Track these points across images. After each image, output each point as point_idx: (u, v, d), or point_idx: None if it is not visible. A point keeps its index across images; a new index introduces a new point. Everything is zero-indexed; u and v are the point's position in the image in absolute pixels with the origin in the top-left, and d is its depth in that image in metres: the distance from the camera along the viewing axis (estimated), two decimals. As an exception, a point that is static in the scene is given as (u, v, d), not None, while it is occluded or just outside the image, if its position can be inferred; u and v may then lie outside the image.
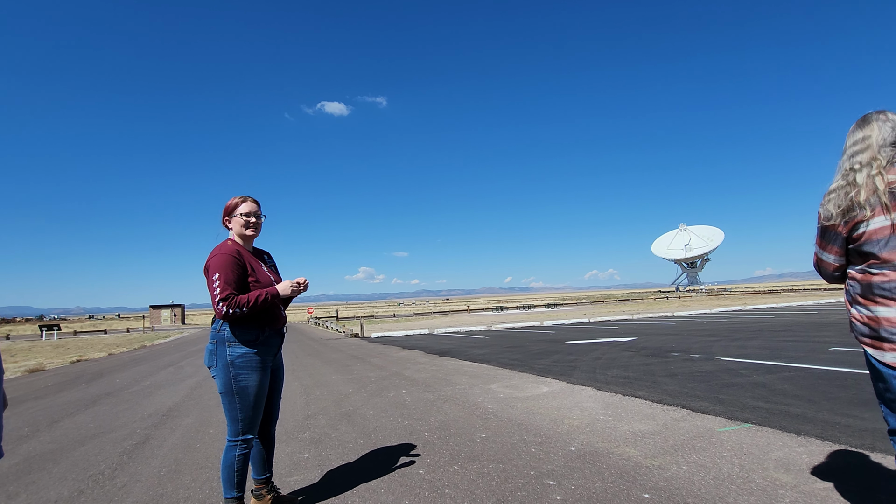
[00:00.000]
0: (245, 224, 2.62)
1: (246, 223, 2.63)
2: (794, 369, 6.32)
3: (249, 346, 2.48)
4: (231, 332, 2.47)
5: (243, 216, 2.62)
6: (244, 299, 2.40)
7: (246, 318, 2.46)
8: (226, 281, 2.40)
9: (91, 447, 4.39)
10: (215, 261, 2.46)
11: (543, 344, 11.91)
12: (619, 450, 3.48)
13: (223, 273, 2.41)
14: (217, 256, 2.48)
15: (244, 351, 2.47)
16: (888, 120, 1.80)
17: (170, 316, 62.39)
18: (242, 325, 2.48)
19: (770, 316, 18.04)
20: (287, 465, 3.56)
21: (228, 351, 2.46)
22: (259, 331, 2.52)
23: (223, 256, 2.47)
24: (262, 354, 2.53)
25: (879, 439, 3.34)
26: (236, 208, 2.63)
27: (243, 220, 2.62)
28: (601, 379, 6.43)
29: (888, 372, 1.70)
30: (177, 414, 5.74)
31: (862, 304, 1.78)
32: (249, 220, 2.63)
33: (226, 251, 2.51)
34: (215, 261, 2.46)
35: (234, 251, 2.53)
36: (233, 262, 2.46)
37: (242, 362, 2.46)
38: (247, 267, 2.53)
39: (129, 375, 10.26)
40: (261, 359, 2.52)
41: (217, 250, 2.53)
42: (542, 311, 37.65)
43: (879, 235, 1.68)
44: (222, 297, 2.37)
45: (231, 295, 2.39)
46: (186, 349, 17.76)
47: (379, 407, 5.48)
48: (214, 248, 2.57)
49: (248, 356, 2.47)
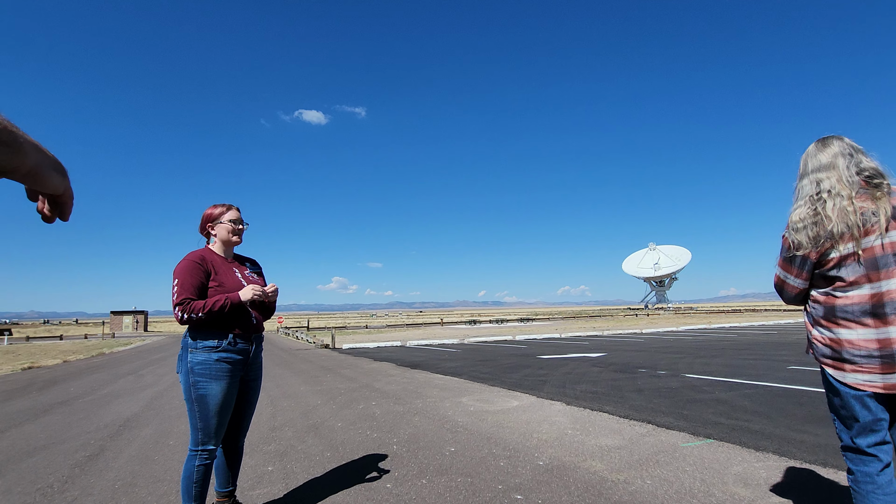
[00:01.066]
0: (232, 230, 2.64)
1: (233, 230, 2.64)
2: (755, 386, 6.55)
3: (210, 352, 2.43)
4: (192, 338, 2.44)
5: (230, 222, 2.64)
6: (199, 305, 2.36)
7: (209, 324, 2.42)
8: (182, 286, 2.38)
9: (40, 459, 4.17)
10: (178, 266, 2.46)
11: (515, 358, 11.97)
12: (586, 464, 3.52)
13: (182, 278, 2.40)
14: (181, 262, 2.48)
15: (203, 357, 2.41)
16: (847, 146, 1.85)
17: (132, 323, 60.07)
18: (204, 330, 2.44)
19: (733, 335, 18.66)
20: (251, 477, 3.46)
21: (189, 357, 2.42)
22: (221, 338, 2.46)
23: (186, 262, 2.46)
24: (226, 363, 2.46)
25: (832, 455, 3.48)
26: (222, 215, 2.64)
27: (230, 226, 2.64)
28: (570, 394, 6.50)
29: (846, 391, 1.76)
30: (135, 424, 5.50)
31: (824, 325, 1.82)
32: (237, 227, 2.65)
33: (190, 257, 2.50)
34: (178, 266, 2.46)
35: (198, 256, 2.50)
36: (194, 267, 2.44)
37: (201, 369, 2.40)
38: (210, 272, 2.49)
39: (84, 384, 9.79)
40: (225, 367, 2.45)
41: (185, 256, 2.51)
42: (515, 326, 37.89)
43: (848, 261, 1.74)
44: (178, 302, 2.36)
45: (187, 300, 2.36)
46: (148, 357, 17.09)
47: (348, 419, 5.39)
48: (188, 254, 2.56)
49: (208, 363, 2.41)
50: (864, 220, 1.72)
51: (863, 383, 1.72)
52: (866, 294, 1.72)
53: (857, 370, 1.73)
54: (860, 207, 1.74)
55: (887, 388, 1.68)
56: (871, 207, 1.73)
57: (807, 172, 1.91)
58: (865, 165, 1.81)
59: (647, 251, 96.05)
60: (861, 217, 1.72)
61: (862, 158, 1.83)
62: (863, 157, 1.84)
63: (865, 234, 1.72)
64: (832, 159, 1.84)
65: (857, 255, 1.72)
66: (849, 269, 1.74)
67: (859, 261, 1.72)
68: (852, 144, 1.87)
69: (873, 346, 1.69)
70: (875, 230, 1.71)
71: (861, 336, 1.72)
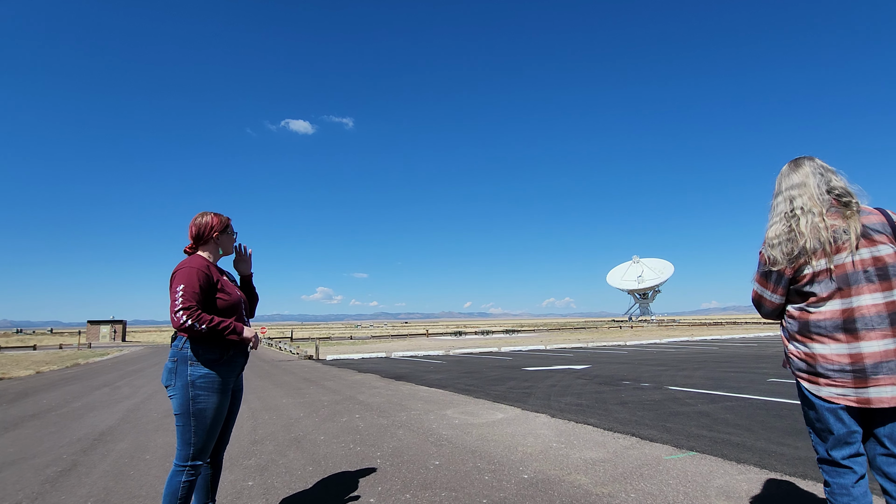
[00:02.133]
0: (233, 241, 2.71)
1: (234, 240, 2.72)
2: (736, 399, 6.63)
3: (212, 365, 2.37)
4: (193, 351, 2.35)
5: (234, 234, 2.71)
6: (207, 317, 2.30)
7: (209, 337, 2.35)
8: (190, 293, 2.30)
9: (9, 474, 4.01)
10: (183, 272, 2.36)
11: (500, 370, 11.95)
12: (571, 477, 3.51)
13: (189, 284, 2.32)
14: (186, 269, 2.39)
15: (206, 371, 2.35)
16: (818, 166, 1.93)
17: (109, 332, 58.54)
18: (206, 343, 2.37)
19: (715, 347, 18.90)
20: (230, 493, 3.37)
21: (190, 370, 2.33)
22: (223, 350, 2.41)
23: (192, 269, 2.38)
24: (225, 375, 2.42)
25: (811, 467, 3.53)
26: (227, 226, 2.66)
27: (235, 237, 2.71)
28: (555, 406, 6.50)
29: (821, 404, 1.80)
30: (110, 438, 5.34)
31: (799, 340, 1.87)
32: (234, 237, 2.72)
33: (196, 264, 2.42)
34: (183, 272, 2.36)
35: (204, 265, 2.45)
36: (201, 276, 2.38)
37: (204, 383, 2.34)
38: (215, 282, 2.46)
39: (58, 396, 9.48)
40: (223, 380, 2.41)
41: (187, 262, 2.43)
42: (501, 338, 37.88)
43: (821, 277, 1.79)
44: (184, 307, 2.25)
45: (195, 307, 2.28)
46: (125, 368, 16.64)
47: (331, 432, 5.31)
48: (183, 260, 2.48)
49: (211, 377, 2.36)
50: (836, 237, 1.78)
51: (837, 397, 1.76)
52: (837, 310, 1.76)
53: (830, 384, 1.77)
54: (831, 225, 1.79)
55: (860, 403, 1.71)
56: (842, 225, 1.78)
57: (781, 191, 1.98)
58: (835, 184, 1.88)
59: (630, 264, 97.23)
60: (833, 234, 1.78)
61: (832, 177, 1.90)
62: (832, 177, 1.90)
63: (837, 251, 1.77)
64: (804, 178, 1.92)
65: (829, 270, 1.77)
66: (822, 286, 1.79)
67: (831, 276, 1.77)
68: (823, 165, 1.94)
69: (845, 360, 1.73)
70: (846, 247, 1.76)
71: (834, 351, 1.76)
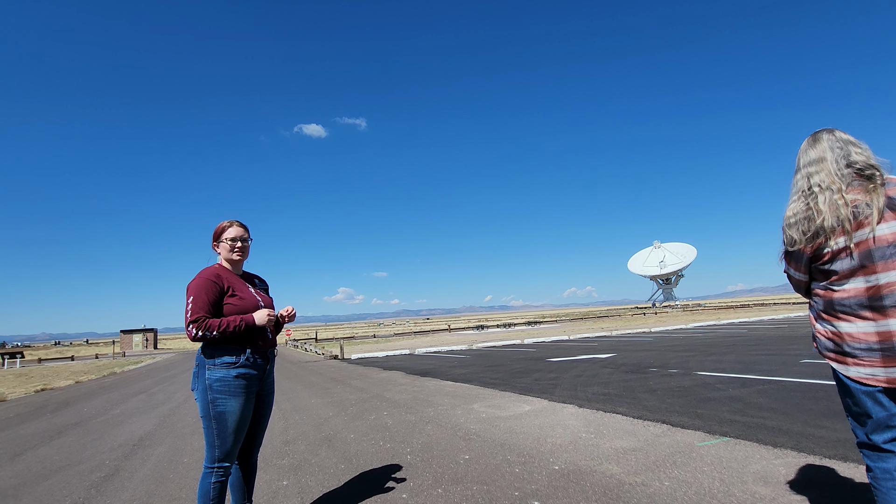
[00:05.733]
0: (231, 248, 2.65)
1: (231, 247, 2.64)
2: (768, 382, 6.48)
3: (228, 369, 2.44)
4: (209, 355, 2.45)
5: (229, 241, 2.64)
6: (215, 323, 2.38)
7: (224, 341, 2.43)
8: (197, 303, 2.39)
9: (56, 481, 4.18)
10: (192, 284, 2.47)
11: (524, 362, 11.92)
12: (602, 467, 3.49)
13: (196, 295, 2.41)
14: (195, 279, 2.49)
15: (222, 374, 2.43)
16: (837, 140, 1.85)
17: (141, 341, 60.28)
18: (220, 347, 2.45)
19: (743, 330, 18.50)
20: (266, 493, 3.45)
21: (207, 374, 2.43)
22: (238, 354, 2.48)
23: (200, 279, 2.47)
24: (244, 378, 2.48)
25: (851, 450, 3.43)
26: (223, 233, 2.65)
27: (229, 244, 2.64)
28: (582, 396, 6.46)
29: (854, 386, 1.75)
30: (149, 443, 5.52)
31: (826, 319, 1.83)
32: (235, 244, 2.65)
33: (205, 274, 2.51)
34: (192, 284, 2.47)
35: (213, 274, 2.52)
36: (208, 285, 2.46)
37: (220, 386, 2.42)
38: (226, 289, 2.51)
39: (97, 404, 9.83)
40: (243, 383, 2.47)
41: (199, 274, 2.52)
42: (523, 330, 37.75)
43: (841, 255, 1.74)
44: (192, 319, 2.36)
45: (202, 317, 2.37)
46: (159, 375, 17.14)
47: (360, 430, 5.38)
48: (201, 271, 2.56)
49: (227, 380, 2.43)
50: (857, 212, 1.71)
51: (865, 377, 1.71)
52: (861, 287, 1.71)
53: (858, 363, 1.72)
54: (852, 200, 1.72)
55: (890, 382, 1.66)
56: (863, 199, 1.71)
57: (800, 167, 1.93)
58: (855, 158, 1.80)
59: (652, 249, 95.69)
60: (854, 210, 1.71)
61: (851, 150, 1.82)
62: (853, 149, 1.82)
63: (858, 226, 1.70)
64: (821, 153, 1.85)
65: (848, 248, 1.72)
66: (843, 263, 1.74)
67: (852, 254, 1.71)
68: (844, 137, 1.86)
69: (873, 339, 1.68)
70: (867, 223, 1.69)
71: (860, 329, 1.71)
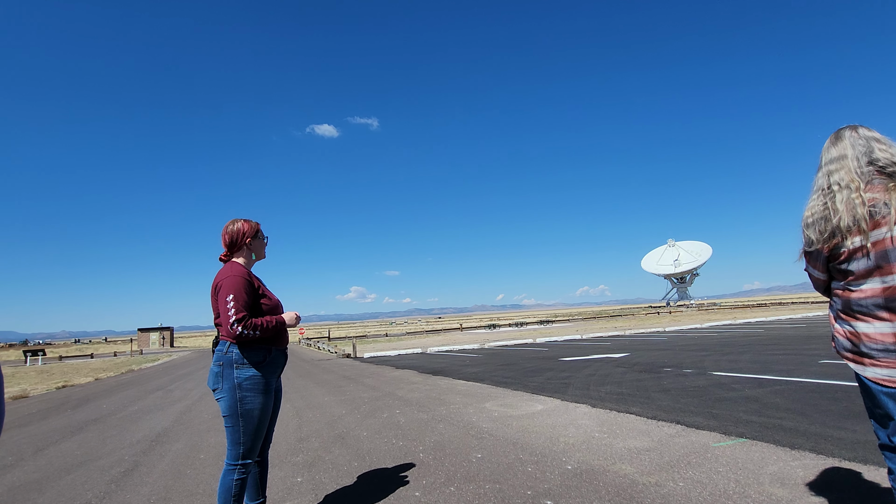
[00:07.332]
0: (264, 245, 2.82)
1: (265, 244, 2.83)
2: (786, 383, 6.37)
3: (257, 367, 2.50)
4: (240, 354, 2.47)
5: (265, 238, 2.82)
6: (259, 322, 2.45)
7: (258, 340, 2.49)
8: (241, 302, 2.43)
9: (78, 476, 4.28)
10: (229, 282, 2.47)
11: (537, 361, 11.88)
12: (616, 467, 3.47)
13: (237, 294, 2.44)
14: (231, 278, 2.49)
15: (252, 373, 2.47)
16: (860, 137, 1.81)
17: (158, 339, 61.29)
18: (251, 346, 2.50)
19: (760, 330, 18.19)
20: (280, 489, 3.50)
21: (236, 373, 2.45)
22: (266, 351, 2.55)
23: (237, 278, 2.49)
24: (268, 376, 2.55)
25: (871, 452, 3.36)
26: (258, 231, 2.76)
27: (266, 241, 2.83)
28: (595, 396, 6.42)
29: (874, 387, 1.73)
30: (166, 439, 5.62)
31: (844, 319, 1.81)
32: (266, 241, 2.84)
33: (238, 273, 2.53)
34: (229, 282, 2.47)
35: (246, 273, 2.57)
36: (247, 285, 2.51)
37: (250, 384, 2.46)
38: (257, 288, 2.59)
39: (116, 401, 10.04)
40: (266, 381, 2.54)
41: (229, 271, 2.54)
42: (535, 328, 37.59)
43: (857, 255, 1.71)
44: (238, 319, 2.39)
45: (246, 317, 2.42)
46: (175, 373, 17.42)
47: (373, 428, 5.42)
48: (224, 268, 2.58)
49: (256, 378, 2.48)
50: (875, 211, 1.67)
51: (882, 378, 1.68)
52: (878, 287, 1.68)
53: (875, 364, 1.70)
54: (870, 199, 1.68)
55: None
56: (882, 198, 1.67)
57: (821, 166, 1.89)
58: (878, 155, 1.75)
59: (666, 248, 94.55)
60: (871, 209, 1.67)
61: (875, 147, 1.77)
62: (876, 146, 1.77)
63: (874, 226, 1.66)
64: (842, 151, 1.81)
65: (865, 248, 1.68)
66: (859, 263, 1.71)
67: (868, 254, 1.68)
68: (868, 134, 1.82)
69: (890, 340, 1.65)
70: (885, 222, 1.65)
71: (878, 330, 1.68)
